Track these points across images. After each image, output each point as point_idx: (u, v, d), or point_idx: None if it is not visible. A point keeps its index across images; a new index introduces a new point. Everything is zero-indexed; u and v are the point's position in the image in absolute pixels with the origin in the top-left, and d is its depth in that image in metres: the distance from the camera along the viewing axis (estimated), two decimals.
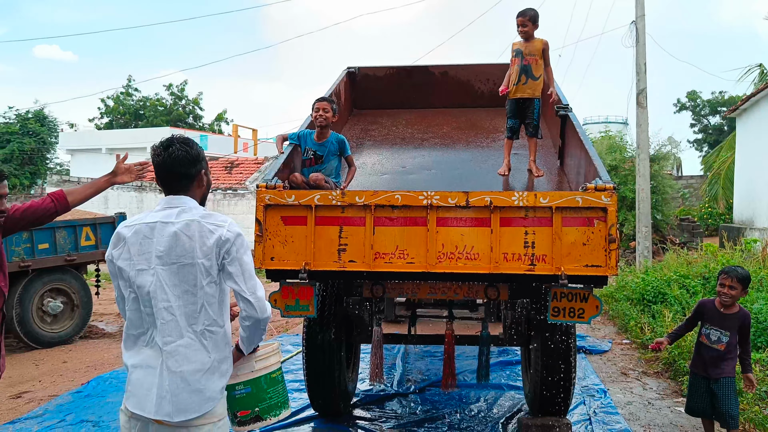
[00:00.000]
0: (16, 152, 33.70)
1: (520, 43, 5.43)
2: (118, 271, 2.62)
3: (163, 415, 2.46)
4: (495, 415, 5.50)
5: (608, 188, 3.93)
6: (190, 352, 2.51)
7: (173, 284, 2.53)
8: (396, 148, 6.36)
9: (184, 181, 2.68)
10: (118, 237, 2.63)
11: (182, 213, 2.59)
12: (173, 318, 2.52)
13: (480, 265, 4.02)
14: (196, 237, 2.53)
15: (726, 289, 4.42)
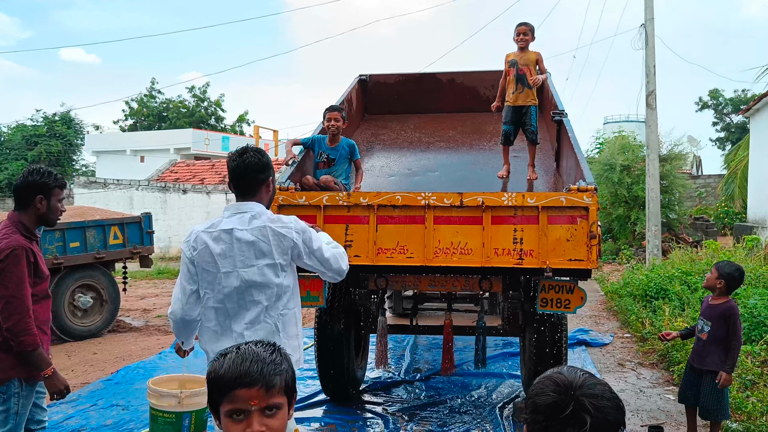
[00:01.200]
0: (44, 154, 34.64)
1: (515, 54, 5.74)
2: (198, 272, 3.03)
3: None
4: (494, 400, 5.88)
5: (590, 189, 4.30)
6: (267, 333, 2.96)
7: (253, 282, 2.96)
8: (404, 151, 6.76)
9: (255, 185, 3.07)
10: (199, 241, 3.02)
11: (253, 219, 3.00)
12: (255, 309, 2.98)
13: (473, 259, 4.43)
14: (271, 239, 2.96)
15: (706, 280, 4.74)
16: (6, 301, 3.25)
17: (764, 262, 9.21)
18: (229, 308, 3.00)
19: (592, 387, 1.48)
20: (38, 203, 3.45)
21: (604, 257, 17.21)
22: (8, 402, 3.38)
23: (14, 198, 3.53)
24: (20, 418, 3.46)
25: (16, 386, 3.39)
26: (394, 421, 5.35)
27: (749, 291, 7.78)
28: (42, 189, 3.45)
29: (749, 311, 7.15)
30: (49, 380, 3.38)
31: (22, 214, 3.47)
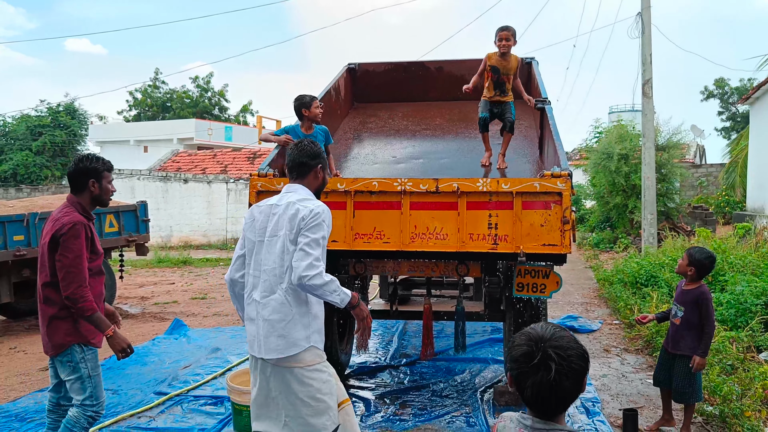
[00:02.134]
0: (48, 144, 34.71)
1: (497, 60, 5.59)
2: (247, 242, 3.39)
3: (261, 353, 3.23)
4: (476, 384, 5.96)
5: (563, 175, 4.36)
6: (277, 305, 3.22)
7: (271, 252, 3.26)
8: (390, 139, 6.81)
9: (304, 168, 3.42)
10: (251, 214, 3.42)
11: (292, 196, 3.32)
12: (268, 278, 3.25)
13: (448, 244, 4.50)
14: (289, 215, 3.24)
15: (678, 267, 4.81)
16: (66, 271, 3.57)
17: (754, 249, 9.24)
18: (256, 276, 3.30)
19: (559, 339, 1.81)
20: (91, 186, 3.82)
21: (602, 246, 17.24)
22: (78, 369, 3.74)
23: (70, 183, 3.86)
24: (94, 380, 3.80)
25: (78, 351, 3.74)
26: (375, 404, 5.44)
27: (737, 278, 7.82)
28: (93, 173, 3.82)
29: (736, 297, 7.19)
30: (111, 340, 3.72)
31: (79, 197, 3.84)
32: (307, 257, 3.12)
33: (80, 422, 3.74)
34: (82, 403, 3.74)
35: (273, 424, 3.27)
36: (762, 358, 6.17)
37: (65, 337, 3.70)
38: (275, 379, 3.24)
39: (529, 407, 1.89)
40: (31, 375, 6.87)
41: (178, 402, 5.67)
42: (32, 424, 5.23)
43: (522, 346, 1.83)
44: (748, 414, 4.75)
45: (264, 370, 3.28)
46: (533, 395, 1.80)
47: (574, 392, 1.80)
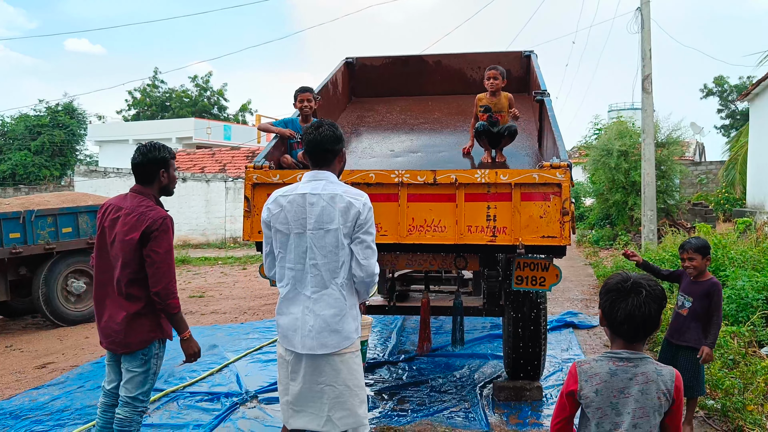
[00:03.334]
0: (47, 144, 34.66)
1: (488, 99, 5.52)
2: (274, 233, 3.22)
3: (309, 349, 3.11)
4: (475, 380, 5.90)
5: (562, 166, 4.30)
6: (332, 300, 3.13)
7: (320, 246, 3.12)
8: (388, 133, 6.75)
9: (330, 156, 3.26)
10: (276, 204, 3.20)
11: (327, 185, 3.16)
12: (319, 273, 3.13)
13: (446, 236, 4.43)
14: (339, 208, 3.10)
15: (686, 261, 4.54)
16: (157, 267, 3.53)
17: (755, 245, 9.19)
18: (299, 270, 3.17)
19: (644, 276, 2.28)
20: (162, 176, 3.77)
21: (602, 243, 17.19)
22: (148, 363, 3.69)
23: (137, 174, 3.75)
24: (155, 378, 3.77)
25: (156, 347, 3.71)
26: (374, 400, 5.38)
27: (737, 272, 7.76)
28: (162, 163, 3.75)
29: (737, 292, 7.13)
30: (185, 342, 3.69)
31: (149, 188, 3.75)
32: (373, 256, 3.16)
33: (135, 422, 3.69)
34: (135, 398, 3.67)
35: (313, 420, 3.18)
36: (764, 353, 6.11)
37: (149, 333, 3.64)
38: (321, 370, 3.15)
39: (618, 335, 2.26)
40: (26, 373, 6.82)
41: (173, 398, 5.63)
42: (26, 422, 5.18)
43: (615, 279, 2.28)
44: (750, 408, 4.70)
45: (308, 364, 3.16)
46: (625, 318, 2.19)
47: (657, 320, 2.22)
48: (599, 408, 2.23)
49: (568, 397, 2.31)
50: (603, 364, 2.26)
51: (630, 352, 2.25)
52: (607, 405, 2.23)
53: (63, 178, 34.98)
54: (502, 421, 4.92)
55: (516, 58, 7.55)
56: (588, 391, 2.24)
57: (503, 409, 5.14)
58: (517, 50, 7.57)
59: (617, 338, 2.29)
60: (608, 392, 2.22)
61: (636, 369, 2.22)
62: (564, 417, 2.35)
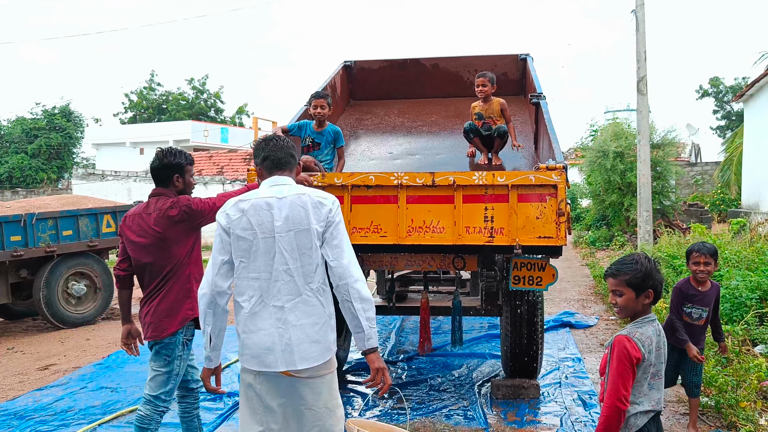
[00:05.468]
0: (44, 147, 34.69)
1: (480, 106, 5.69)
2: (234, 240, 2.92)
3: (288, 365, 2.83)
4: (474, 379, 5.99)
5: (558, 167, 4.39)
6: (309, 308, 2.88)
7: (292, 248, 2.87)
8: (386, 135, 6.85)
9: (292, 161, 3.10)
10: (237, 209, 2.94)
11: (291, 188, 2.98)
12: (291, 279, 2.87)
13: (445, 237, 4.52)
14: (309, 207, 2.90)
15: (701, 266, 4.50)
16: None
17: (749, 245, 9.29)
18: (266, 279, 2.89)
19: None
20: (176, 181, 3.88)
21: (598, 244, 17.28)
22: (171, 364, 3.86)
23: (155, 178, 3.90)
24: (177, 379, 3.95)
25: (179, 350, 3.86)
26: (373, 399, 5.46)
27: (731, 272, 7.86)
28: (177, 168, 3.87)
29: (731, 292, 7.22)
30: None
31: (168, 190, 3.89)
32: (352, 258, 2.91)
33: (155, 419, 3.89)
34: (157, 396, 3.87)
35: None
36: (757, 351, 6.21)
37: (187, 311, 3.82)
38: (301, 394, 2.90)
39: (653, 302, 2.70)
40: (29, 374, 6.89)
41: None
42: (31, 422, 5.25)
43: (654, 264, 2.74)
44: (743, 405, 4.79)
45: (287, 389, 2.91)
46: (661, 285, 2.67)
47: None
48: (652, 365, 2.66)
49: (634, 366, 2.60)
50: (647, 328, 2.69)
51: (652, 314, 2.73)
52: (656, 359, 2.68)
53: (60, 181, 35.00)
54: (500, 418, 5.01)
55: (512, 61, 7.64)
56: (646, 353, 2.63)
57: (501, 407, 5.23)
58: (513, 53, 7.66)
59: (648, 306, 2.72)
60: (656, 349, 2.67)
61: (658, 326, 2.74)
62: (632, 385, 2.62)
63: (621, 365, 2.57)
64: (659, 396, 2.70)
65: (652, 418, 2.70)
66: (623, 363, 2.56)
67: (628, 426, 2.65)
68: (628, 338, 2.62)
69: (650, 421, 2.68)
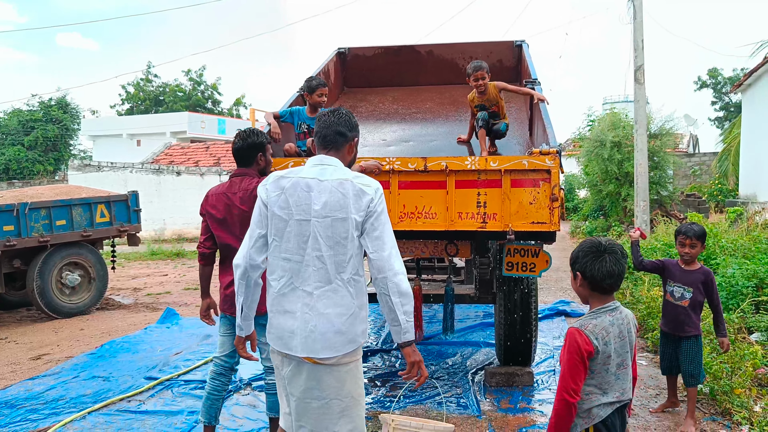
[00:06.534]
0: (40, 139, 34.64)
1: (479, 98, 5.46)
2: (270, 217, 2.85)
3: (310, 353, 2.75)
4: (467, 367, 5.96)
5: (552, 152, 4.33)
6: (338, 297, 2.76)
7: (326, 236, 2.76)
8: (380, 123, 6.79)
9: (340, 139, 2.93)
10: (277, 185, 2.85)
11: (335, 171, 2.83)
12: (323, 266, 2.76)
13: (437, 223, 4.48)
14: (350, 195, 2.76)
15: (687, 248, 4.52)
16: None
17: (746, 233, 9.26)
18: (298, 261, 2.80)
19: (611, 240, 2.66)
20: (259, 159, 4.00)
21: (595, 234, 17.25)
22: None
23: (238, 159, 4.01)
24: None
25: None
26: (366, 386, 5.42)
27: (728, 261, 7.83)
28: (260, 147, 3.99)
29: (727, 280, 7.19)
30: None
31: (251, 169, 4.01)
32: (385, 249, 2.76)
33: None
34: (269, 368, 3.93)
35: None
36: (753, 339, 6.18)
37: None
38: (325, 383, 2.80)
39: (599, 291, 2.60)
40: (21, 364, 6.84)
41: (168, 386, 5.67)
42: (22, 410, 5.22)
43: (588, 244, 2.63)
44: (737, 392, 4.76)
45: (309, 375, 2.81)
46: (606, 274, 2.54)
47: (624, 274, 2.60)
48: (609, 356, 2.55)
49: (586, 359, 2.52)
50: (603, 318, 2.59)
51: (613, 302, 2.64)
52: (614, 352, 2.56)
53: (57, 173, 34.93)
54: (493, 405, 4.98)
55: (507, 47, 7.59)
56: (602, 346, 2.53)
57: (495, 395, 5.19)
58: (508, 40, 7.60)
59: (598, 294, 2.63)
60: (614, 340, 2.57)
61: (621, 314, 2.64)
62: (584, 379, 2.54)
63: (571, 358, 2.51)
64: (626, 386, 2.62)
65: (617, 410, 2.61)
66: (573, 356, 2.50)
67: (591, 416, 2.58)
68: (579, 331, 2.54)
69: (614, 412, 2.60)
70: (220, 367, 4.10)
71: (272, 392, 3.94)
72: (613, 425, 2.59)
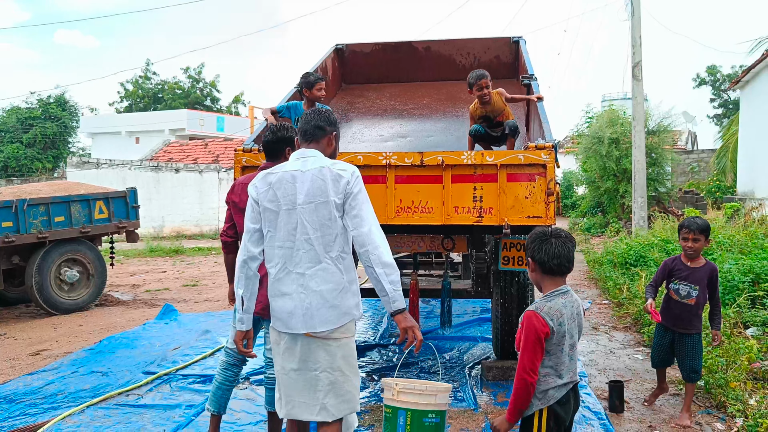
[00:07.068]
0: (39, 136, 34.59)
1: (482, 108, 5.37)
2: (263, 211, 3.11)
3: (309, 328, 3.00)
4: (464, 361, 5.98)
5: (547, 146, 4.36)
6: (328, 274, 3.02)
7: (311, 220, 3.02)
8: (377, 119, 6.81)
9: (319, 132, 3.20)
10: (264, 182, 3.12)
11: (315, 161, 3.09)
12: (312, 248, 3.02)
13: (434, 217, 4.50)
14: (329, 180, 3.02)
15: (690, 242, 4.47)
16: None
17: (742, 229, 9.30)
18: (290, 247, 3.06)
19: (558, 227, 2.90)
20: (287, 153, 3.91)
21: (593, 231, 17.30)
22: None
23: (267, 152, 4.07)
24: None
25: None
26: (364, 380, 5.45)
27: (725, 256, 7.86)
28: (289, 142, 3.98)
29: (724, 275, 7.22)
30: None
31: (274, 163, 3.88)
32: (376, 227, 3.03)
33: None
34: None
35: (306, 409, 3.07)
36: (749, 334, 6.21)
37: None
38: (316, 356, 3.03)
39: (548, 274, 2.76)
40: (20, 360, 6.87)
41: (166, 380, 5.69)
42: (21, 405, 5.24)
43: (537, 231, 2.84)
44: (733, 385, 4.79)
45: (303, 348, 3.05)
46: (553, 255, 2.71)
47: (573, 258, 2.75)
48: (564, 336, 2.70)
49: (542, 340, 2.65)
50: (557, 300, 2.74)
51: (564, 286, 2.79)
52: (568, 332, 2.72)
53: (56, 171, 34.91)
54: (490, 399, 5.00)
55: (505, 43, 7.61)
56: (556, 326, 2.67)
57: (491, 388, 5.22)
58: (505, 36, 7.62)
59: (548, 278, 2.79)
60: (567, 321, 2.72)
61: (572, 297, 2.79)
62: (541, 359, 2.67)
63: (529, 340, 2.65)
64: (576, 367, 2.80)
65: (572, 389, 2.77)
66: (530, 338, 2.65)
67: (547, 397, 2.71)
68: (535, 314, 2.69)
69: (569, 392, 2.75)
70: (232, 357, 4.17)
71: (271, 386, 3.97)
72: (567, 405, 2.74)
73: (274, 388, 3.91)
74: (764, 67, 15.66)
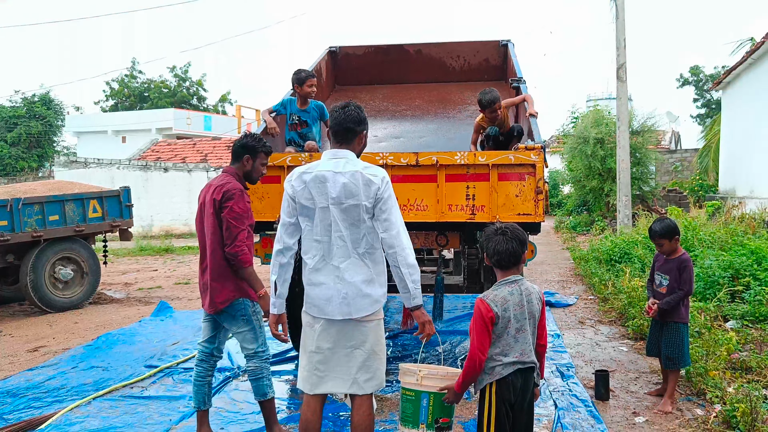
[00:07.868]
0: (24, 136, 34.32)
1: (488, 122, 5.65)
2: (300, 208, 3.39)
3: (345, 315, 3.33)
4: (456, 354, 6.19)
5: (537, 147, 4.58)
6: (357, 267, 3.34)
7: (342, 219, 3.31)
8: (371, 120, 6.94)
9: (350, 135, 3.43)
10: (300, 180, 3.37)
11: (347, 164, 3.34)
12: (344, 244, 3.33)
13: (428, 215, 4.71)
14: (360, 184, 3.28)
15: (657, 246, 4.86)
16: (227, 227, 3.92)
17: (723, 227, 9.59)
18: (327, 242, 3.35)
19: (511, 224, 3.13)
20: (245, 161, 4.13)
21: (579, 229, 17.58)
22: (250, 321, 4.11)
23: (231, 154, 4.22)
24: (263, 330, 4.18)
25: (250, 306, 4.11)
26: None
27: (705, 252, 8.12)
28: (250, 150, 4.13)
29: (704, 271, 7.48)
30: (262, 299, 4.01)
31: (234, 168, 4.17)
32: (403, 230, 3.31)
33: (265, 368, 4.15)
34: (256, 351, 4.12)
35: (340, 383, 3.38)
36: (728, 326, 6.46)
37: (231, 293, 4.03)
38: (351, 335, 3.36)
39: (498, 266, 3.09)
40: (18, 356, 6.97)
41: (168, 374, 5.85)
42: (24, 399, 5.36)
43: (491, 228, 3.13)
44: (712, 374, 5.02)
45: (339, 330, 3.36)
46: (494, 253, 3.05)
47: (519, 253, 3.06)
48: (509, 321, 2.99)
49: (489, 325, 2.97)
50: (503, 289, 3.04)
51: (514, 276, 3.08)
52: (514, 317, 3.00)
53: (41, 170, 34.68)
54: None
55: (494, 47, 7.82)
56: (501, 312, 2.97)
57: None
58: (494, 39, 7.83)
59: (499, 270, 3.11)
60: (513, 308, 3.00)
61: (521, 287, 3.07)
62: (489, 340, 2.99)
63: (477, 323, 2.99)
64: (524, 348, 3.03)
65: (519, 371, 3.02)
66: (478, 321, 2.99)
67: (494, 373, 3.01)
68: (482, 301, 3.01)
69: (516, 372, 3.01)
70: (201, 353, 4.30)
71: (254, 377, 4.13)
72: (514, 383, 3.01)
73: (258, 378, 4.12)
74: (745, 69, 16.00)
